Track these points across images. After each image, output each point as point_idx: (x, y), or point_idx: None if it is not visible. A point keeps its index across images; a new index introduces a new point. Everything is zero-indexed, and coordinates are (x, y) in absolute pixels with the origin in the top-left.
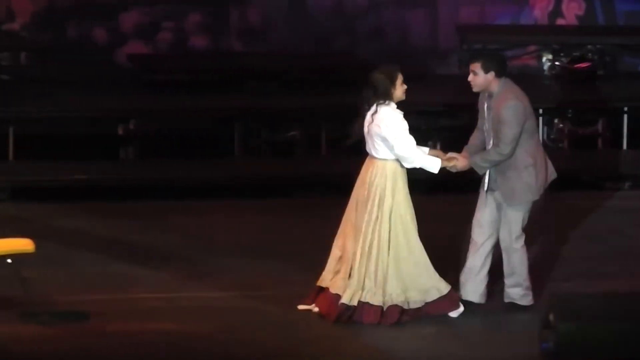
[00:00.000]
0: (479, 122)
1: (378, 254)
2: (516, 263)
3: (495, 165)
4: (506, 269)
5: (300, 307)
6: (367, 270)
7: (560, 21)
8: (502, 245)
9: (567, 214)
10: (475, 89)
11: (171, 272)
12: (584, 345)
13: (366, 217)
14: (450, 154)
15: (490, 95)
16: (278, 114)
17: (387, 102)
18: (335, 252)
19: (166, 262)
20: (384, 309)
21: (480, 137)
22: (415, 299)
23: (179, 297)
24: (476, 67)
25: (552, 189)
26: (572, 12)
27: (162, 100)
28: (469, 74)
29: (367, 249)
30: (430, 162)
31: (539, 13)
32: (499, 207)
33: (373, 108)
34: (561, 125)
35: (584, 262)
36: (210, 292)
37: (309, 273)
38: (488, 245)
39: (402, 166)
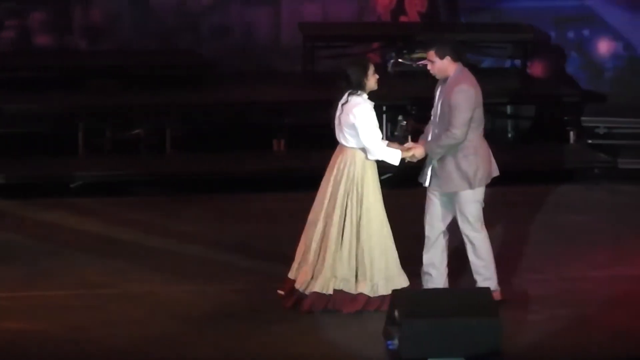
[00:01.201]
0: (433, 110)
1: (350, 242)
2: (480, 252)
3: (450, 149)
4: (474, 260)
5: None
6: (340, 259)
7: (403, 18)
8: (464, 236)
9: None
10: (438, 77)
11: (14, 271)
12: (427, 341)
13: (338, 205)
14: (408, 144)
15: (445, 81)
16: (122, 112)
17: (359, 92)
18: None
19: (8, 261)
20: (352, 295)
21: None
22: (382, 288)
23: (25, 297)
24: (431, 55)
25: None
26: (414, 10)
27: (6, 99)
28: (312, 71)
29: (339, 237)
30: (392, 154)
31: (381, 10)
32: (448, 200)
33: (344, 97)
34: (404, 122)
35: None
36: (56, 291)
37: (154, 270)
38: (442, 240)
39: (366, 156)
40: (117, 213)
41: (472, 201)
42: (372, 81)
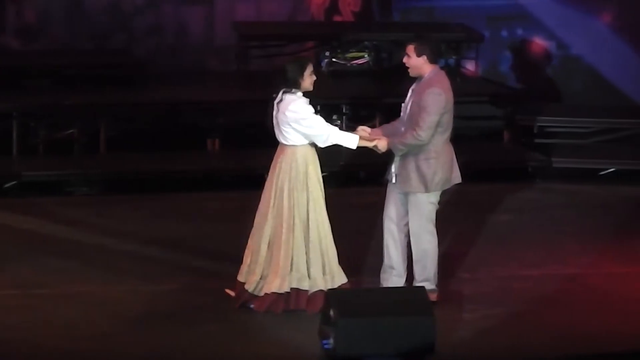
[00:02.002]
0: (403, 106)
1: (301, 239)
2: (422, 254)
3: (412, 149)
4: (415, 263)
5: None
6: (295, 256)
7: (337, 18)
8: (411, 237)
9: (348, 210)
10: (410, 73)
11: None
12: (362, 339)
13: (285, 205)
14: (374, 131)
15: (419, 80)
16: (55, 112)
17: (293, 90)
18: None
19: None
20: (310, 294)
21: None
22: (329, 283)
23: None
24: (410, 49)
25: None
26: (348, 9)
27: None
28: (245, 71)
29: (289, 235)
30: (347, 137)
31: (315, 9)
32: (406, 199)
33: (279, 96)
34: (338, 121)
35: (361, 257)
36: None
37: (89, 270)
38: (401, 240)
39: (312, 151)
40: (51, 213)
41: (425, 203)
42: (307, 81)
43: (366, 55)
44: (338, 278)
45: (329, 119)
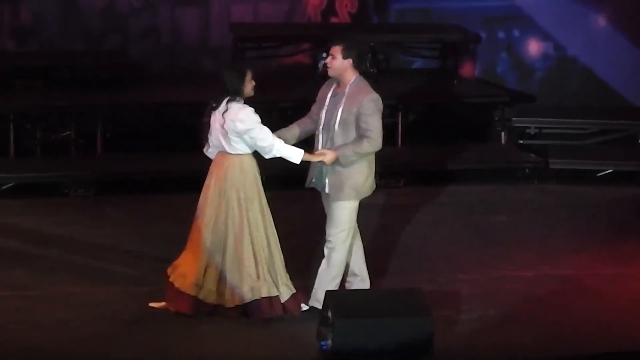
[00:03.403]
0: (314, 109)
1: (249, 249)
2: (338, 263)
3: (364, 157)
4: (322, 268)
5: (153, 304)
6: (259, 264)
7: (333, 19)
8: (328, 242)
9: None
10: (330, 73)
11: None
12: (360, 340)
13: (223, 214)
14: (320, 151)
15: (340, 86)
16: (52, 114)
17: (236, 98)
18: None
19: None
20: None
21: (309, 125)
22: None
23: None
24: (336, 50)
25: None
26: (345, 10)
27: None
28: None
29: (228, 244)
30: (292, 151)
31: (312, 11)
32: (326, 204)
33: (223, 105)
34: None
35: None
36: None
37: (81, 271)
38: (355, 246)
39: (252, 160)
40: (46, 214)
41: (350, 211)
42: (249, 88)
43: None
44: (282, 291)
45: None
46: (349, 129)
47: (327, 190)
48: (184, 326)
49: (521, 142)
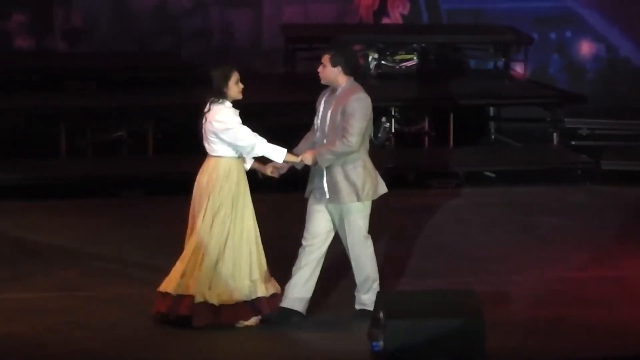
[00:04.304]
0: (314, 120)
1: (218, 252)
2: (366, 267)
3: (340, 158)
4: (357, 274)
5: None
6: (217, 269)
7: (385, 20)
8: (350, 250)
9: (391, 213)
10: (323, 81)
11: None
12: (412, 342)
13: (202, 216)
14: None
15: (334, 91)
16: (104, 114)
17: (221, 100)
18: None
19: None
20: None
21: (312, 137)
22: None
23: (5, 299)
24: (325, 59)
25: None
26: (396, 11)
27: None
28: (292, 73)
29: (204, 247)
30: (274, 150)
31: (364, 12)
32: (333, 214)
33: (207, 106)
34: (387, 124)
35: (408, 260)
36: (31, 293)
37: (131, 273)
38: (317, 258)
39: (237, 163)
40: (97, 215)
41: (361, 214)
42: (234, 90)
43: (414, 58)
44: (260, 288)
45: (378, 122)
46: (339, 130)
47: (327, 196)
48: (230, 326)
49: (573, 143)
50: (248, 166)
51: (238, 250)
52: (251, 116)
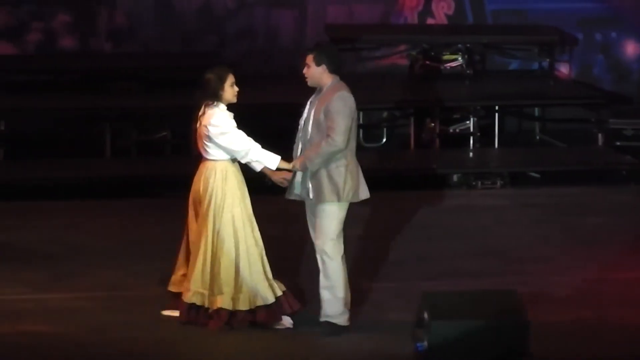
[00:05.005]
0: (299, 121)
1: (206, 255)
2: (335, 271)
3: (329, 158)
4: (321, 279)
5: (165, 312)
6: (214, 275)
7: (430, 20)
8: (318, 252)
9: (435, 213)
10: (309, 83)
11: (36, 273)
12: (457, 343)
13: (201, 220)
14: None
15: (320, 91)
16: (148, 115)
17: (215, 102)
18: (180, 256)
19: (28, 263)
20: (215, 311)
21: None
22: (242, 305)
23: (46, 299)
24: (309, 59)
25: (421, 188)
26: (441, 12)
27: (31, 101)
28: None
29: (202, 252)
30: (268, 155)
31: (408, 12)
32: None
33: (202, 109)
34: (432, 124)
35: (452, 260)
36: (77, 293)
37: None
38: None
39: (233, 166)
40: (141, 214)
41: (335, 217)
42: (229, 93)
43: (459, 58)
44: (260, 295)
45: (422, 123)
46: (323, 129)
47: (310, 196)
48: (277, 334)
49: (618, 144)
50: (258, 168)
51: (252, 253)
52: (296, 116)
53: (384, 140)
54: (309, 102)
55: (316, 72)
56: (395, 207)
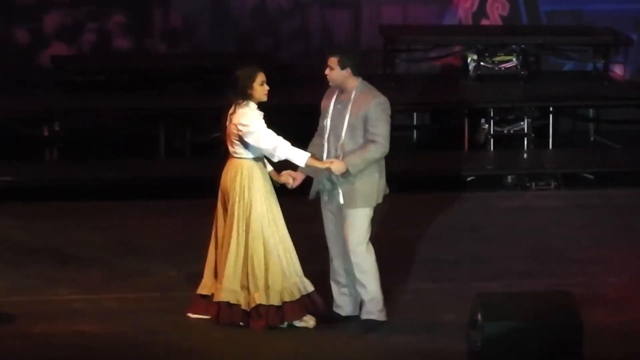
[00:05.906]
0: (321, 122)
1: (238, 254)
2: (370, 267)
3: (370, 164)
4: (358, 277)
5: (192, 315)
6: (245, 273)
7: (484, 21)
8: (351, 253)
9: (489, 214)
10: (331, 84)
11: (92, 273)
12: (510, 344)
13: (229, 219)
14: (328, 160)
15: (343, 92)
16: (202, 115)
17: (245, 102)
18: (209, 257)
19: (87, 264)
20: (248, 310)
21: (319, 142)
22: (273, 300)
23: (101, 299)
24: (333, 62)
25: (476, 189)
26: (496, 13)
27: (86, 101)
28: (391, 74)
29: (233, 251)
30: (297, 153)
31: (462, 13)
32: (337, 217)
33: (232, 108)
34: (486, 125)
35: (506, 261)
36: (131, 294)
37: None
38: (341, 258)
39: (259, 164)
40: (194, 215)
41: (367, 220)
42: (259, 92)
43: (514, 59)
44: (285, 295)
45: (477, 123)
46: (357, 135)
47: (341, 201)
48: (330, 328)
49: None
50: (269, 169)
51: (282, 249)
52: None
53: (435, 141)
54: (331, 103)
55: (340, 75)
56: (449, 209)
